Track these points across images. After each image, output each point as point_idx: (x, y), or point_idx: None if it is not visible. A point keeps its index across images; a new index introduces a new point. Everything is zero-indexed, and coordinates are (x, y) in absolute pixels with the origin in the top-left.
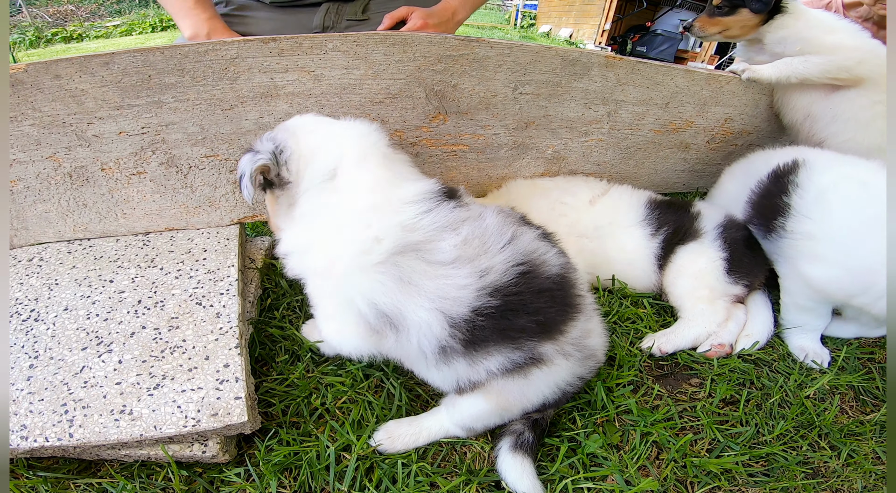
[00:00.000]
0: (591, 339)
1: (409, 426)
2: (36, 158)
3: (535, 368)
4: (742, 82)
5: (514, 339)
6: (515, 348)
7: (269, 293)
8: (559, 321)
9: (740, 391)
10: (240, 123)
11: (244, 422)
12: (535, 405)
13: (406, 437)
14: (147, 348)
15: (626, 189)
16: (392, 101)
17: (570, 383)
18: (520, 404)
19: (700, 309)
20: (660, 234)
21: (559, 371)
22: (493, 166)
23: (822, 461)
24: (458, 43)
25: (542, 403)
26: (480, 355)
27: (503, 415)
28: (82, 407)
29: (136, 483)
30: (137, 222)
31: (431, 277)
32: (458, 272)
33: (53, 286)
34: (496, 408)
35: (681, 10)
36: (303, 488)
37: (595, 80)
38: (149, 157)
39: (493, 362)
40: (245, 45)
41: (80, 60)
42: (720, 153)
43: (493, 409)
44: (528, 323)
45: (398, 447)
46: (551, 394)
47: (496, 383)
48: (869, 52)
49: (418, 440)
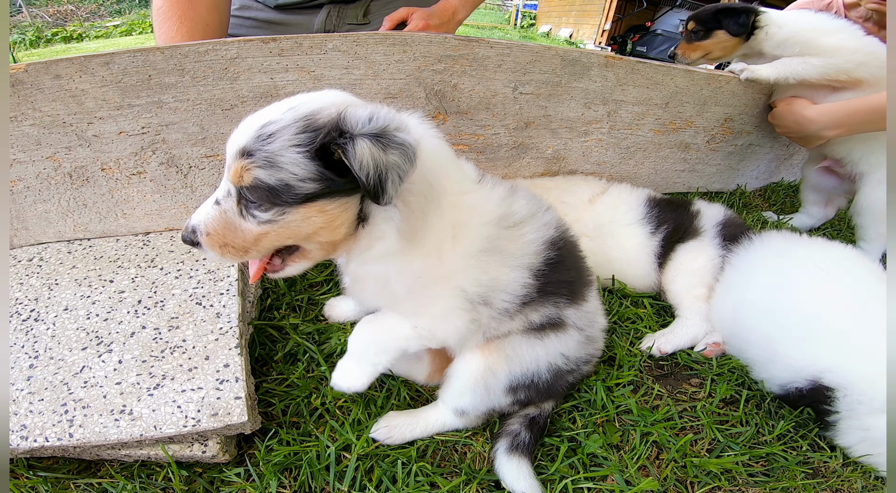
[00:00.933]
0: (598, 318)
1: (407, 417)
2: (36, 158)
3: (552, 332)
4: (742, 82)
5: (556, 294)
6: (554, 304)
7: (269, 293)
8: (582, 286)
9: (740, 391)
10: (240, 122)
11: (244, 422)
12: (525, 375)
13: (404, 427)
14: (147, 348)
15: (626, 188)
16: (392, 101)
17: (567, 364)
18: (518, 367)
19: (698, 308)
20: (659, 232)
21: (569, 342)
22: (493, 166)
23: (822, 461)
24: (458, 43)
25: (532, 375)
26: (531, 308)
27: (489, 382)
28: (82, 407)
29: (136, 483)
30: (137, 222)
31: (513, 239)
32: (530, 228)
33: (53, 286)
34: (487, 369)
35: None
36: (303, 488)
37: (595, 80)
38: (149, 157)
39: (536, 316)
40: (245, 45)
41: (80, 60)
42: (720, 153)
43: (484, 370)
44: (568, 279)
45: (396, 438)
46: (546, 369)
47: (511, 340)
48: (869, 54)
49: (415, 430)
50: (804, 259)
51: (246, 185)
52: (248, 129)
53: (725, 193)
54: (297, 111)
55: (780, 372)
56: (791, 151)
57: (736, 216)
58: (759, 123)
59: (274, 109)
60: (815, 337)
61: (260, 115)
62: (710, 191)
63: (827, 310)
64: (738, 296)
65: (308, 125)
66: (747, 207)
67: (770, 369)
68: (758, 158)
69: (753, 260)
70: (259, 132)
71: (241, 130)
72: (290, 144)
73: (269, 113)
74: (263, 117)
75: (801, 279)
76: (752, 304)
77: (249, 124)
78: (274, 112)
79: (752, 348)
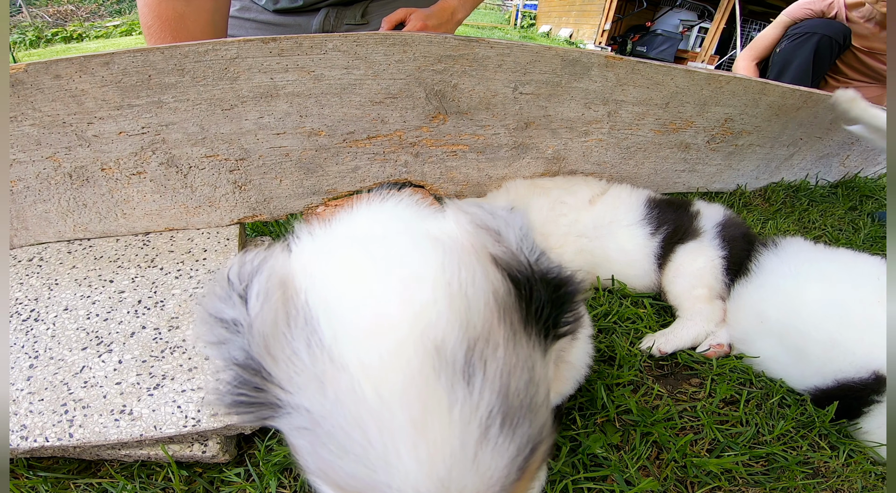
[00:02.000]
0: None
1: None
2: (36, 158)
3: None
4: (742, 82)
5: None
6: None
7: None
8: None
9: (740, 391)
10: (240, 123)
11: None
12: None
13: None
14: (147, 348)
15: (626, 188)
16: (392, 101)
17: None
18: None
19: (698, 309)
20: (659, 233)
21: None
22: (493, 166)
23: (822, 461)
24: (458, 43)
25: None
26: None
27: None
28: (82, 407)
29: (136, 483)
30: (137, 222)
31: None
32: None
33: (53, 286)
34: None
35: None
36: (303, 488)
37: (595, 80)
38: (149, 157)
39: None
40: (245, 45)
41: (80, 60)
42: (720, 153)
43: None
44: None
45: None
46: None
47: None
48: None
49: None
50: (851, 261)
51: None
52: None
53: (725, 193)
54: None
55: (841, 366)
56: (791, 152)
57: (736, 216)
58: (760, 123)
59: None
60: (876, 332)
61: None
62: (710, 191)
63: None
64: (793, 295)
65: None
66: (747, 207)
67: (828, 366)
68: (758, 158)
69: (801, 262)
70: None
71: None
72: None
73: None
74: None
75: (861, 278)
76: (811, 303)
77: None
78: None
79: (812, 345)
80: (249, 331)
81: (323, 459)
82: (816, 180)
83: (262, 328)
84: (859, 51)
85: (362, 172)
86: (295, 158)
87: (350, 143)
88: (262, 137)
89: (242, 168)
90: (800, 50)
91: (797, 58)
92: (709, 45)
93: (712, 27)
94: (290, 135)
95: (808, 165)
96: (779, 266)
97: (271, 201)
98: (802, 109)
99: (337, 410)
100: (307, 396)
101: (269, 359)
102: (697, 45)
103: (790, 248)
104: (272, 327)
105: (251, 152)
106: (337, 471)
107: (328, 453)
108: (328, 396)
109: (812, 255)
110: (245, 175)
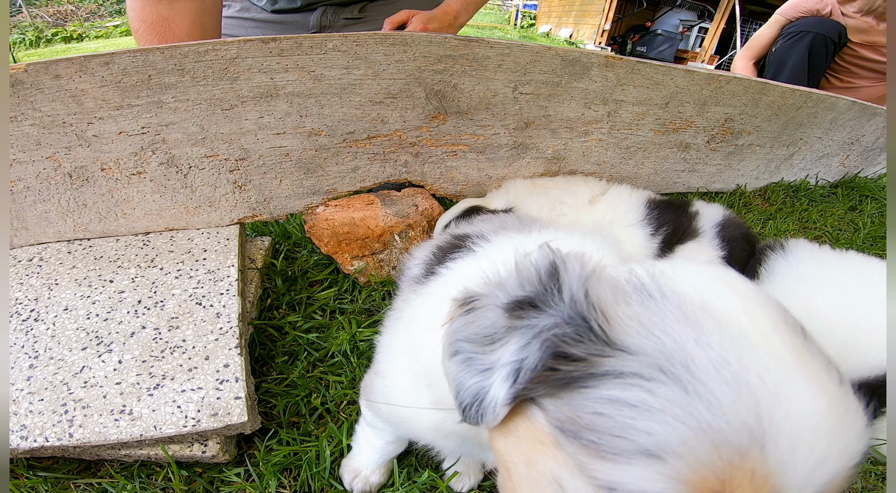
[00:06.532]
0: None
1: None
2: (36, 158)
3: None
4: (742, 82)
5: None
6: None
7: (269, 293)
8: None
9: None
10: (240, 123)
11: (244, 422)
12: None
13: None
14: (147, 348)
15: (626, 189)
16: (392, 101)
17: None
18: None
19: None
20: (659, 234)
21: None
22: (493, 166)
23: None
24: (458, 43)
25: None
26: None
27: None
28: (82, 407)
29: (136, 483)
30: (137, 222)
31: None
32: None
33: (53, 286)
34: None
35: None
36: (303, 488)
37: (595, 80)
38: (149, 157)
39: None
40: (245, 45)
41: (80, 60)
42: (720, 153)
43: None
44: None
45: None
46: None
47: None
48: None
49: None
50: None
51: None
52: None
53: (725, 193)
54: None
55: (854, 367)
56: (791, 151)
57: (735, 217)
58: (760, 122)
59: None
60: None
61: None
62: (710, 191)
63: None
64: (807, 299)
65: None
66: (747, 207)
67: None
68: (758, 158)
69: (813, 268)
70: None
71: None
72: None
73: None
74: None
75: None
76: (823, 308)
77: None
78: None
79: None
80: (572, 302)
81: (684, 415)
82: (816, 180)
83: (596, 294)
84: (858, 46)
85: (362, 172)
86: (295, 158)
87: (350, 143)
88: (262, 137)
89: (242, 168)
90: (794, 49)
91: (792, 57)
92: (709, 45)
93: (712, 27)
94: (290, 135)
95: (807, 165)
96: (790, 271)
97: (271, 201)
98: (802, 108)
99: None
100: (654, 342)
101: (603, 318)
102: (697, 45)
103: (799, 253)
104: (611, 292)
105: (251, 152)
106: (710, 422)
107: (693, 403)
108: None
109: (822, 260)
110: (245, 175)
